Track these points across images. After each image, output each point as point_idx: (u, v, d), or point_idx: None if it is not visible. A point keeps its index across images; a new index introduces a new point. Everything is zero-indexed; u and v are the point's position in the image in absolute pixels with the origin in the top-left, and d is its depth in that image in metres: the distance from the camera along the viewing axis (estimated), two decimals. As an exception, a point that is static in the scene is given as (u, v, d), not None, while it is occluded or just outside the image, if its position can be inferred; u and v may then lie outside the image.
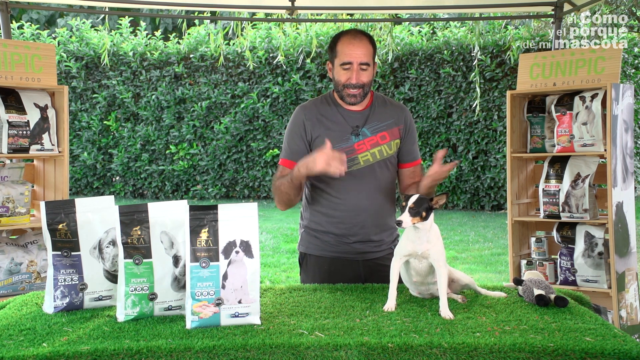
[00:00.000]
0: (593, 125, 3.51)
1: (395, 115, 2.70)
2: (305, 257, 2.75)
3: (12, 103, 3.30)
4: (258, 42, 10.91)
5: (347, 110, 2.66)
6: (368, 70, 2.59)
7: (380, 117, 2.67)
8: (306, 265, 2.75)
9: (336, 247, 2.65)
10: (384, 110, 2.69)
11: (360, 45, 2.58)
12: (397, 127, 2.69)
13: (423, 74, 10.15)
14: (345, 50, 2.58)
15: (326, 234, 2.66)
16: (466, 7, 4.75)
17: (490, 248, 7.53)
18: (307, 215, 2.73)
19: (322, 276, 2.62)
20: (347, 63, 2.57)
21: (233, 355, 1.71)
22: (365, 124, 2.65)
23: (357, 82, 2.57)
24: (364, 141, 2.63)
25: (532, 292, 2.12)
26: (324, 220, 2.66)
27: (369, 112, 2.67)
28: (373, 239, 2.64)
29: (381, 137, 2.65)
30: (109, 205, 2.12)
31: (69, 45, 11.43)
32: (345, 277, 2.53)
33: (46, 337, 1.79)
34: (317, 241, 2.69)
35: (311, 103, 2.73)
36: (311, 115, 2.66)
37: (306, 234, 2.74)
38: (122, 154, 11.34)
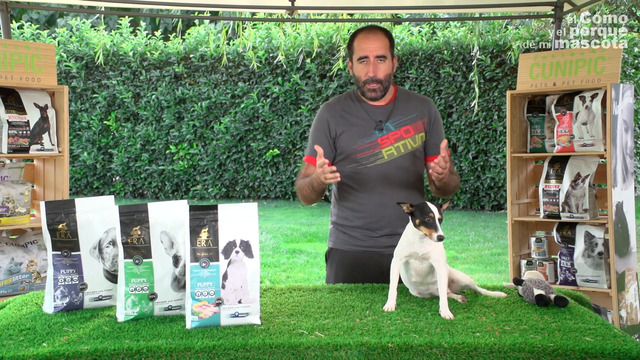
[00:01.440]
0: (593, 125, 3.51)
1: (420, 108, 2.73)
2: (331, 252, 2.79)
3: (12, 103, 3.30)
4: (258, 42, 10.91)
5: (370, 105, 2.70)
6: (385, 62, 2.63)
7: (404, 111, 2.70)
8: (332, 261, 2.78)
9: (363, 242, 2.68)
10: (407, 104, 2.72)
11: (376, 38, 2.64)
12: (422, 121, 2.71)
13: (423, 74, 10.15)
14: (361, 45, 2.65)
15: (353, 229, 2.70)
16: (466, 7, 4.75)
17: (490, 248, 7.53)
18: (335, 211, 2.79)
19: (344, 271, 2.66)
20: (364, 57, 2.63)
21: (233, 355, 1.71)
22: (389, 119, 2.68)
23: (374, 74, 2.61)
24: (388, 135, 2.66)
25: (532, 292, 2.12)
26: (351, 215, 2.70)
27: (392, 106, 2.70)
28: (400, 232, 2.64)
29: (405, 131, 2.67)
30: (109, 205, 2.12)
31: (69, 45, 11.43)
32: (368, 272, 2.56)
33: (46, 337, 1.79)
34: (344, 236, 2.73)
35: (335, 100, 2.80)
36: (335, 112, 2.72)
37: (335, 229, 2.78)
38: (122, 154, 11.34)
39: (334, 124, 2.69)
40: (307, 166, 2.73)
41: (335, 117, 2.70)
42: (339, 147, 2.69)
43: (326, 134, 2.70)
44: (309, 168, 2.71)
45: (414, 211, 2.06)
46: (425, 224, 2.02)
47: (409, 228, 2.13)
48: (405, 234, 2.14)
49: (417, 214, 2.05)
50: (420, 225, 2.04)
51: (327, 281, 2.78)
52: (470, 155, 9.95)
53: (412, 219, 2.08)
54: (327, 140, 2.70)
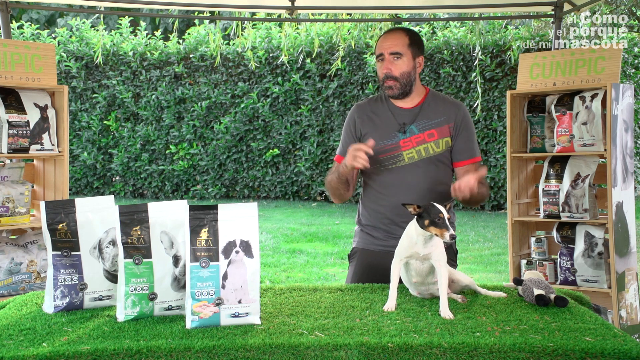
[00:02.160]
0: (593, 125, 3.51)
1: (447, 113, 2.72)
2: (353, 251, 2.83)
3: (12, 103, 3.30)
4: (258, 42, 10.91)
5: (397, 107, 2.73)
6: (402, 60, 2.66)
7: (431, 115, 2.70)
8: (354, 259, 2.81)
9: (384, 242, 2.70)
10: (435, 108, 2.72)
11: (392, 36, 2.69)
12: (448, 125, 2.70)
13: (423, 74, 10.15)
14: (378, 44, 2.73)
15: (375, 229, 2.74)
16: (466, 7, 4.75)
17: (490, 248, 7.53)
18: (360, 211, 2.84)
19: (362, 269, 2.70)
20: (380, 55, 2.69)
21: (233, 355, 1.71)
22: (414, 121, 2.69)
23: (387, 71, 2.65)
24: (410, 138, 2.68)
25: (532, 292, 2.12)
26: (372, 215, 2.74)
27: (420, 109, 2.72)
28: None
29: (429, 134, 2.68)
30: (109, 205, 2.12)
31: (69, 45, 11.43)
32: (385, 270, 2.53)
33: (46, 337, 1.79)
34: (367, 236, 2.78)
35: (366, 101, 2.85)
36: (362, 113, 2.77)
37: (359, 229, 2.83)
38: (122, 154, 11.34)
39: (360, 125, 2.75)
40: (335, 165, 2.79)
41: (362, 118, 2.76)
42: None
43: (352, 134, 2.78)
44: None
45: (422, 212, 2.06)
46: (436, 224, 2.02)
47: (410, 229, 2.12)
48: (407, 235, 2.13)
49: (426, 214, 2.04)
50: (430, 225, 2.03)
51: (347, 281, 2.79)
52: (470, 155, 9.94)
53: (418, 220, 2.07)
54: (352, 140, 2.76)
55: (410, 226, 2.14)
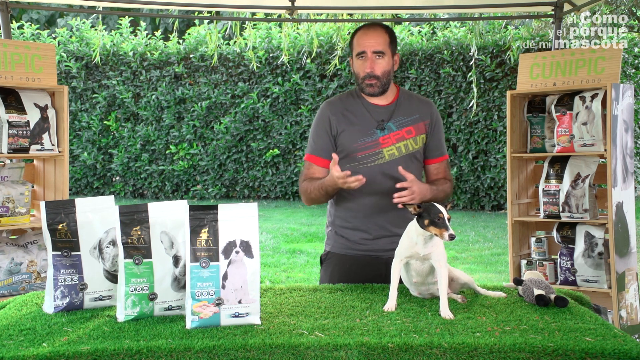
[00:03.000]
0: (593, 125, 3.51)
1: (421, 109, 2.72)
2: (327, 255, 2.77)
3: (12, 103, 3.30)
4: (258, 42, 10.91)
5: (372, 104, 2.69)
6: (384, 59, 2.62)
7: (406, 112, 2.69)
8: (328, 264, 2.75)
9: (362, 246, 2.66)
10: (409, 105, 2.71)
11: (374, 34, 2.64)
12: (423, 122, 2.70)
13: (423, 74, 10.15)
14: (359, 41, 2.65)
15: (352, 231, 2.68)
16: (466, 7, 4.75)
17: (490, 248, 7.53)
18: (333, 212, 2.76)
19: (341, 275, 2.61)
20: (361, 53, 2.63)
21: (233, 355, 1.71)
22: (391, 119, 2.67)
23: (371, 70, 2.61)
24: (389, 135, 2.65)
25: (532, 292, 2.12)
26: (349, 215, 2.68)
27: (395, 106, 2.69)
28: (396, 232, 2.62)
29: (407, 131, 2.67)
30: (109, 205, 2.12)
31: (69, 45, 11.43)
32: (365, 276, 2.52)
33: (46, 337, 1.79)
34: (342, 240, 2.71)
35: (337, 98, 2.78)
36: (336, 110, 2.70)
37: (333, 232, 2.76)
38: (122, 154, 11.34)
39: (335, 122, 2.68)
40: (309, 166, 2.71)
41: (336, 115, 2.69)
42: (339, 145, 2.67)
43: (327, 132, 2.69)
44: (312, 168, 2.69)
45: (422, 212, 2.06)
46: (435, 224, 2.02)
47: (411, 229, 2.12)
48: (407, 235, 2.13)
49: (426, 214, 2.04)
50: (430, 225, 2.03)
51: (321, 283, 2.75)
52: (470, 155, 9.95)
53: (418, 220, 2.07)
54: (328, 138, 2.68)
55: (410, 226, 2.14)
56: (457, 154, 10.05)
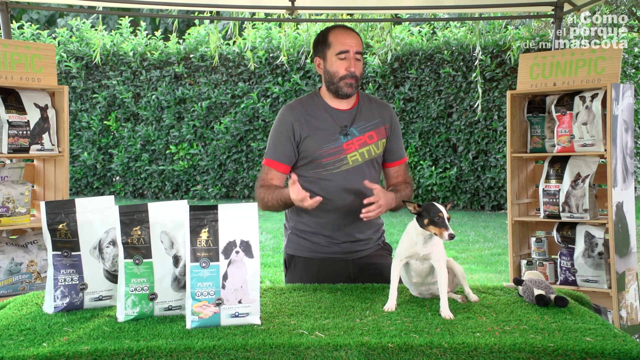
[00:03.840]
0: (593, 125, 3.51)
1: (381, 114, 2.69)
2: (292, 259, 2.71)
3: (12, 103, 3.30)
4: (258, 42, 10.91)
5: (335, 109, 2.64)
6: (361, 61, 2.62)
7: (367, 117, 2.66)
8: (293, 268, 2.70)
9: (326, 248, 2.63)
10: (369, 109, 2.68)
11: (354, 35, 2.64)
12: (384, 126, 2.68)
13: (423, 74, 10.15)
14: (340, 39, 2.60)
15: (315, 235, 2.64)
16: (466, 7, 4.75)
17: (490, 248, 7.53)
18: (293, 217, 2.70)
19: (309, 278, 2.57)
20: (344, 52, 2.58)
21: (233, 355, 1.71)
22: (353, 124, 2.63)
23: (353, 69, 2.58)
24: (353, 141, 2.61)
25: (532, 292, 2.12)
26: (313, 221, 2.63)
27: (356, 111, 2.66)
28: (360, 237, 2.64)
29: (369, 136, 2.63)
30: (109, 205, 2.12)
31: (69, 45, 11.43)
32: (333, 278, 2.50)
33: (46, 337, 1.79)
34: (306, 243, 2.66)
35: (298, 102, 2.70)
36: (299, 115, 2.62)
37: (294, 235, 2.70)
38: (122, 154, 11.35)
39: (299, 128, 2.59)
40: (267, 171, 2.62)
41: (299, 121, 2.60)
42: (302, 151, 2.60)
43: (289, 138, 2.60)
44: (270, 173, 2.61)
45: (422, 211, 2.06)
46: (435, 223, 2.02)
47: (410, 229, 2.12)
48: (407, 235, 2.13)
49: (425, 213, 2.05)
50: (429, 225, 2.03)
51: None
52: (470, 155, 9.95)
53: (418, 220, 2.07)
54: (290, 144, 2.60)
55: (410, 226, 2.14)
56: (457, 154, 10.04)
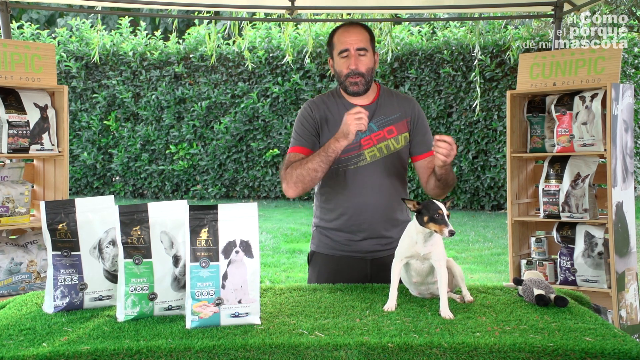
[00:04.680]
0: (593, 125, 3.51)
1: (403, 107, 2.68)
2: (314, 255, 2.75)
3: (12, 103, 3.30)
4: (258, 42, 10.91)
5: (354, 104, 2.63)
6: (367, 56, 2.59)
7: (387, 111, 2.66)
8: (315, 263, 2.74)
9: (346, 246, 2.64)
10: (390, 104, 2.68)
11: (355, 32, 2.61)
12: (405, 120, 2.66)
13: (423, 74, 10.15)
14: (341, 38, 2.61)
15: (336, 232, 2.65)
16: (466, 7, 4.75)
17: (490, 248, 7.53)
18: (317, 213, 2.74)
19: (327, 275, 2.60)
20: (344, 50, 2.59)
21: (233, 355, 1.71)
22: (372, 119, 2.62)
23: (355, 67, 2.57)
24: (371, 136, 2.61)
25: (532, 292, 2.12)
26: (333, 217, 2.65)
27: (376, 106, 2.66)
28: (384, 234, 2.61)
29: (388, 131, 2.63)
30: (109, 205, 2.12)
31: (69, 45, 11.43)
32: (351, 277, 2.51)
33: (46, 337, 1.79)
34: (327, 240, 2.69)
35: (319, 98, 2.73)
36: (319, 110, 2.66)
37: (317, 232, 2.74)
38: (122, 154, 11.34)
39: (320, 123, 2.63)
40: (294, 155, 2.61)
41: (320, 116, 2.64)
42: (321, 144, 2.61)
43: (312, 131, 2.63)
44: (298, 156, 2.60)
45: (421, 209, 2.06)
46: (435, 220, 2.02)
47: (411, 228, 2.12)
48: (408, 234, 2.13)
49: (425, 211, 2.04)
50: (429, 222, 2.03)
51: (309, 282, 2.74)
52: (470, 155, 9.95)
53: (418, 217, 2.07)
54: (313, 137, 2.63)
55: (410, 226, 2.14)
56: (457, 153, 10.03)
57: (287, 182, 2.54)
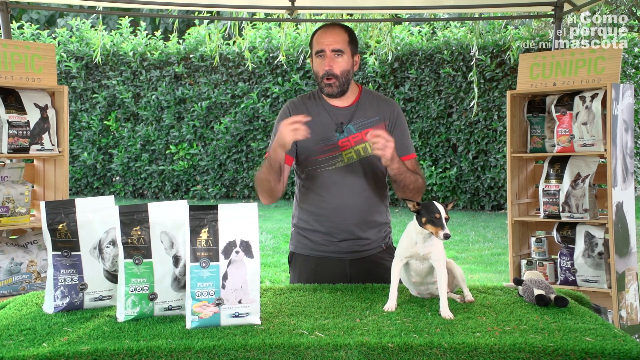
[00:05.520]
0: (593, 125, 3.51)
1: (382, 110, 2.67)
2: (293, 256, 2.76)
3: (12, 103, 3.30)
4: (258, 42, 10.91)
5: (333, 106, 2.64)
6: (342, 57, 2.58)
7: (367, 114, 2.64)
8: (294, 264, 2.75)
9: (324, 247, 2.64)
10: (370, 107, 2.67)
11: (333, 33, 2.60)
12: (383, 123, 2.65)
13: (423, 74, 10.15)
14: (318, 39, 2.61)
15: (314, 233, 2.65)
16: (466, 7, 4.75)
17: (490, 248, 7.53)
18: (296, 214, 2.75)
19: (307, 275, 2.61)
20: (320, 51, 2.59)
21: (233, 355, 1.71)
22: (351, 121, 2.62)
23: (329, 68, 2.56)
24: (348, 138, 2.60)
25: (532, 292, 2.12)
26: (311, 218, 2.65)
27: (355, 108, 2.65)
28: (361, 236, 2.62)
29: (366, 134, 2.59)
30: (109, 205, 2.12)
31: (69, 45, 11.44)
32: (330, 277, 2.51)
33: (46, 337, 1.79)
34: (305, 240, 2.69)
35: (299, 99, 2.72)
36: (298, 111, 2.63)
37: (296, 233, 2.75)
38: (122, 154, 11.35)
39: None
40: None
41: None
42: (300, 147, 2.62)
43: None
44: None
45: (421, 210, 2.06)
46: (432, 222, 2.03)
47: (410, 229, 2.13)
48: (407, 234, 2.14)
49: (424, 212, 2.05)
50: (427, 223, 2.04)
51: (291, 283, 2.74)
52: (470, 155, 9.95)
53: (417, 218, 2.08)
54: None
55: (410, 226, 2.14)
56: (457, 154, 10.04)
57: (258, 191, 2.63)
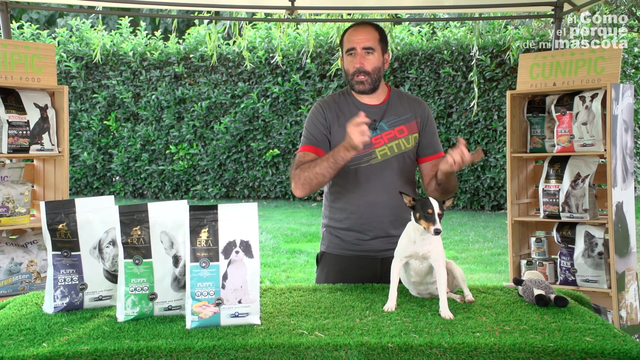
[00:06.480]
0: (593, 125, 3.51)
1: (413, 108, 2.71)
2: (323, 255, 2.76)
3: (12, 103, 3.30)
4: (258, 42, 10.91)
5: (364, 104, 2.67)
6: (373, 55, 2.62)
7: (398, 111, 2.68)
8: (323, 264, 2.75)
9: (356, 246, 2.65)
10: (400, 104, 2.70)
11: (363, 31, 2.64)
12: (415, 121, 2.69)
13: (423, 74, 10.15)
14: (349, 37, 2.65)
15: (345, 231, 2.66)
16: (466, 7, 4.75)
17: (490, 248, 7.53)
18: (327, 213, 2.75)
19: (335, 275, 2.61)
20: (351, 49, 2.63)
21: (233, 355, 1.71)
22: (383, 118, 2.66)
23: (360, 65, 2.59)
24: (382, 135, 2.64)
25: (532, 292, 2.12)
26: (343, 216, 2.66)
27: (386, 106, 2.68)
28: (392, 233, 2.60)
29: (399, 131, 2.65)
30: (109, 205, 2.12)
31: (69, 45, 11.43)
32: (360, 276, 2.52)
33: (46, 337, 1.79)
34: (337, 240, 2.70)
35: (330, 97, 2.75)
36: (330, 109, 2.68)
37: (327, 232, 2.75)
38: (122, 154, 11.34)
39: (331, 121, 2.66)
40: (304, 155, 2.62)
41: (331, 115, 2.67)
42: (333, 145, 2.63)
43: (324, 125, 2.66)
44: (307, 155, 2.61)
45: (415, 205, 2.07)
46: (425, 217, 2.04)
47: (409, 228, 2.13)
48: (406, 233, 2.14)
49: (418, 207, 2.06)
50: (421, 219, 2.05)
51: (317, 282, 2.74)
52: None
53: (413, 213, 2.09)
54: (324, 134, 2.65)
55: (409, 225, 2.14)
56: (457, 154, 10.03)
57: (295, 182, 2.60)
